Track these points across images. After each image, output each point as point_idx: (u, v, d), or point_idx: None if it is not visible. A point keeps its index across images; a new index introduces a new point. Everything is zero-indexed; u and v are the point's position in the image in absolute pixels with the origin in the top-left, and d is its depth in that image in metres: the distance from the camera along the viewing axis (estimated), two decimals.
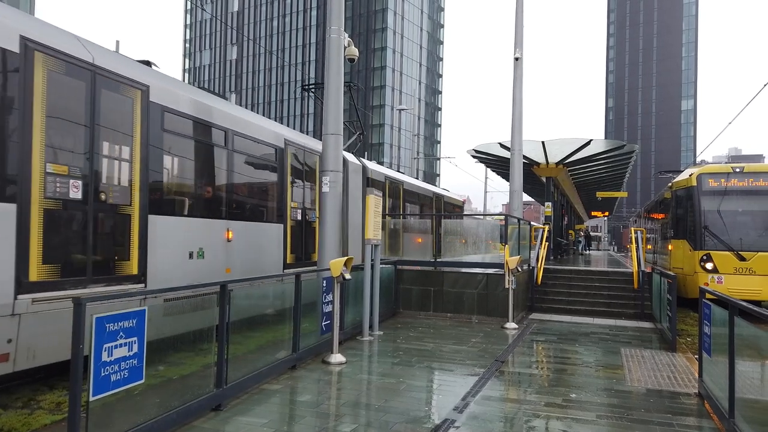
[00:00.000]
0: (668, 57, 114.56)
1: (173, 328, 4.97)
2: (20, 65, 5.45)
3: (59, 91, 5.90)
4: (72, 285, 5.99)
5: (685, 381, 6.55)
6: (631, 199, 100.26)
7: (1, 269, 5.23)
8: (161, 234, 7.18)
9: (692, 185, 13.95)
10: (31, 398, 6.08)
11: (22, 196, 5.44)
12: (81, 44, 6.31)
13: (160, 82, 7.48)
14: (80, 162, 6.15)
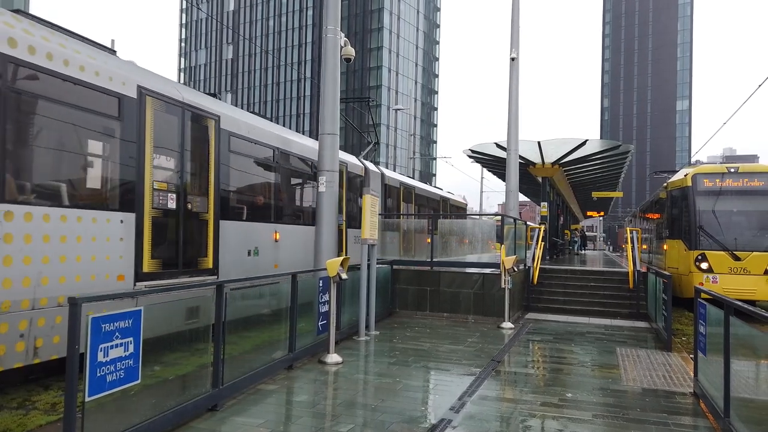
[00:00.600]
0: (663, 57, 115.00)
1: None
2: (137, 107, 7.05)
3: (160, 124, 7.44)
4: (168, 276, 7.44)
5: (681, 380, 6.57)
6: (626, 199, 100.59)
7: (126, 264, 6.70)
8: (228, 236, 8.58)
9: (687, 185, 14.00)
10: (26, 399, 6.06)
11: (138, 207, 6.97)
12: (173, 86, 7.91)
13: (227, 111, 8.98)
14: (174, 179, 7.71)
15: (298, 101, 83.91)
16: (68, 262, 6.07)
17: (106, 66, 6.70)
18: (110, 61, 6.91)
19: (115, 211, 6.73)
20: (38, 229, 5.72)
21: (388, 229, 12.64)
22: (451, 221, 16.01)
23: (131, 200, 6.90)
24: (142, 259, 7.00)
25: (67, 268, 6.04)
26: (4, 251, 5.39)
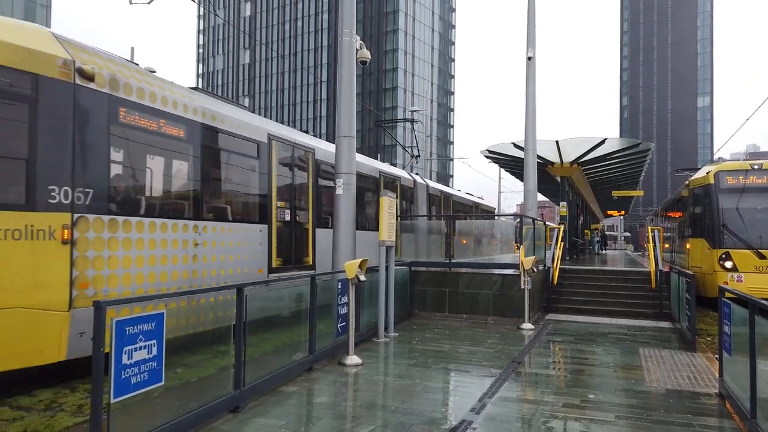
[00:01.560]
0: (683, 54, 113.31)
1: None
2: (267, 149, 9.67)
3: (279, 158, 10.08)
4: (286, 269, 9.86)
5: (706, 381, 6.46)
6: (647, 198, 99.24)
7: (263, 260, 9.17)
8: (321, 240, 10.73)
9: (710, 183, 13.77)
10: (53, 401, 6.18)
11: (269, 220, 9.53)
12: (286, 130, 10.65)
13: (319, 145, 11.55)
14: (288, 198, 10.30)
15: (315, 104, 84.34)
16: (233, 259, 8.65)
17: (252, 122, 9.46)
18: (252, 117, 9.77)
19: (257, 224, 9.31)
20: (217, 236, 8.31)
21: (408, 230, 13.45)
22: (466, 222, 16.02)
23: (265, 215, 9.47)
24: (272, 257, 9.53)
25: (232, 263, 8.60)
26: (201, 252, 7.96)
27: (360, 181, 12.39)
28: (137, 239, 6.96)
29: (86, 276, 6.29)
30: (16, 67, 5.74)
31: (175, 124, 7.69)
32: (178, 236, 7.56)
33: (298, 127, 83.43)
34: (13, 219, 5.61)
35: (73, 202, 6.16)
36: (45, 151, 5.94)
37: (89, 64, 6.46)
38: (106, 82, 6.63)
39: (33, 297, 5.74)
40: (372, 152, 70.06)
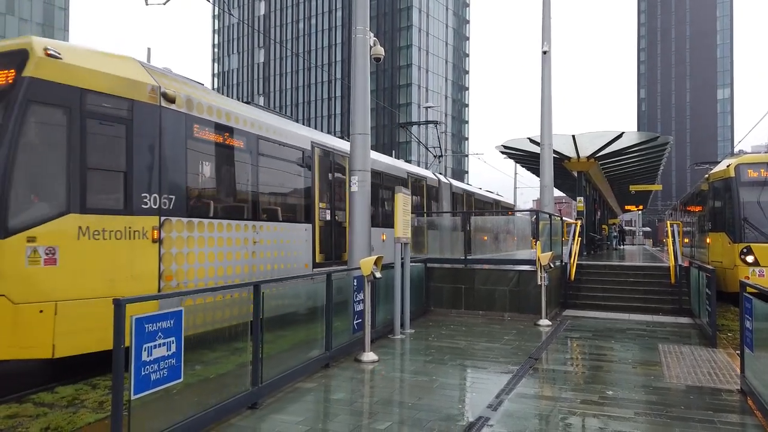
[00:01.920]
0: (702, 45, 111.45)
1: None
2: (311, 155, 10.81)
3: (321, 164, 11.20)
4: (327, 264, 10.66)
5: (727, 377, 6.37)
6: (666, 192, 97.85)
7: (309, 256, 10.13)
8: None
9: (730, 176, 13.55)
10: (74, 397, 6.29)
11: (313, 220, 10.52)
12: (325, 137, 11.80)
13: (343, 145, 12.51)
14: (328, 200, 11.34)
15: (329, 102, 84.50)
16: (284, 255, 9.71)
17: (298, 132, 10.63)
18: (297, 127, 10.93)
19: (303, 223, 10.40)
20: (271, 235, 9.42)
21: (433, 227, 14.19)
22: (482, 218, 16.00)
23: (310, 216, 10.52)
24: (315, 253, 10.58)
25: (283, 258, 9.64)
26: (258, 248, 9.07)
27: (390, 181, 13.94)
28: (208, 238, 8.08)
29: (170, 270, 7.39)
30: (116, 94, 6.84)
31: (236, 137, 8.87)
32: (240, 235, 8.73)
33: (312, 125, 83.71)
34: (116, 222, 6.73)
35: (160, 207, 7.29)
36: (138, 165, 7.05)
37: (170, 88, 7.60)
38: (184, 103, 7.79)
39: (131, 287, 6.77)
40: (387, 149, 70.04)
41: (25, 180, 6.14)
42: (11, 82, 6.17)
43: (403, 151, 74.26)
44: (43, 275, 6.07)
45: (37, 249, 6.03)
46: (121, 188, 6.87)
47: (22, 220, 5.97)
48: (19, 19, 61.21)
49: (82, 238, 6.37)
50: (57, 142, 6.38)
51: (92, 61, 6.80)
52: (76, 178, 6.39)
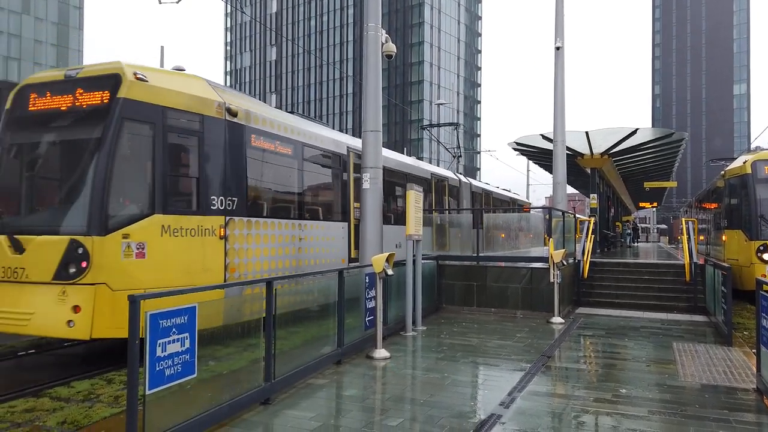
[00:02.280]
0: (718, 40, 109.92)
1: None
2: (347, 160, 11.60)
3: (356, 167, 11.46)
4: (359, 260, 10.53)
5: (743, 376, 6.30)
6: (681, 189, 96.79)
7: (345, 252, 10.76)
8: (387, 234, 11.17)
9: (746, 173, 13.37)
10: (90, 392, 6.37)
11: (349, 218, 11.27)
12: (356, 141, 12.03)
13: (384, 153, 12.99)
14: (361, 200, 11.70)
15: (341, 99, 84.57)
16: (324, 251, 10.52)
17: (335, 138, 11.54)
18: (335, 134, 11.80)
19: (340, 222, 11.20)
20: (313, 232, 10.23)
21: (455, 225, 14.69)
22: (494, 216, 15.96)
23: (346, 215, 11.25)
24: (350, 249, 11.24)
25: (323, 254, 10.44)
26: (303, 245, 9.92)
27: (416, 182, 14.68)
28: (263, 235, 8.96)
29: (234, 263, 8.24)
30: (190, 110, 7.74)
31: (285, 144, 9.79)
32: (288, 232, 9.63)
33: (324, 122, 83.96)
34: (191, 221, 7.60)
35: (225, 208, 8.14)
36: (208, 171, 7.94)
37: (233, 103, 8.48)
38: (243, 116, 8.68)
39: (203, 278, 7.65)
40: (398, 146, 70.00)
41: (120, 186, 7.09)
42: (107, 102, 7.07)
43: (414, 148, 74.19)
44: (134, 267, 6.97)
45: (130, 244, 6.96)
46: (194, 192, 7.83)
47: (118, 220, 6.92)
48: (34, 18, 61.95)
49: (165, 235, 7.28)
50: (144, 154, 7.38)
51: (170, 82, 7.75)
52: (160, 184, 7.33)
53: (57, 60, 63.85)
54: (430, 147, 76.95)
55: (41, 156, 7.78)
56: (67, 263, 6.67)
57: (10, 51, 60.23)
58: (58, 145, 7.64)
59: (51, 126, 7.47)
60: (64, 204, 7.32)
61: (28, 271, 6.81)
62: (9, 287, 6.88)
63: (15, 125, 7.69)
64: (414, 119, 77.75)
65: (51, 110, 7.40)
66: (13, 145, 7.73)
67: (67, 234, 6.77)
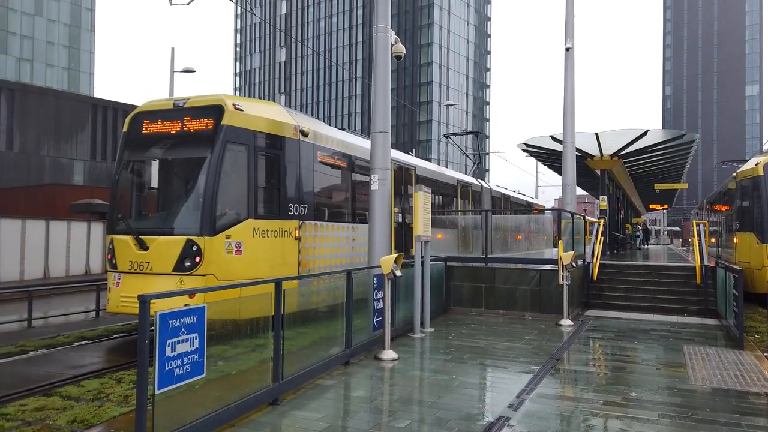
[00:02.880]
0: (730, 41, 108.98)
1: None
2: (400, 176, 13.18)
3: (395, 176, 12.75)
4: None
5: (754, 380, 6.24)
6: (692, 191, 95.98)
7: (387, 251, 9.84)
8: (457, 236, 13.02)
9: (758, 175, 13.25)
10: (100, 391, 6.42)
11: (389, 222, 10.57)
12: (399, 153, 13.99)
13: (418, 163, 15.38)
14: (400, 205, 13.43)
15: (350, 101, 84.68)
16: None
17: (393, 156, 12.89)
18: None
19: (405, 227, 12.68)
20: (362, 233, 11.14)
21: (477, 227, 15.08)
22: (502, 217, 15.94)
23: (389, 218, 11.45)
24: (392, 248, 10.99)
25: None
26: (355, 244, 11.35)
27: (445, 188, 16.80)
28: (326, 236, 10.44)
29: (305, 259, 9.78)
30: (273, 132, 9.31)
31: (341, 159, 11.33)
32: (344, 234, 11.11)
33: (332, 123, 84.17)
34: (274, 224, 9.13)
35: (299, 214, 9.68)
36: (287, 183, 9.48)
37: (304, 125, 10.06)
38: (312, 136, 10.29)
39: (282, 272, 8.78)
40: (407, 147, 69.97)
41: (224, 196, 8.60)
42: (211, 128, 8.66)
43: (423, 150, 74.15)
44: (234, 261, 8.47)
45: (231, 243, 8.48)
46: (276, 200, 9.36)
47: (223, 224, 8.45)
48: (47, 20, 62.52)
49: (255, 236, 8.79)
50: (240, 169, 8.89)
51: (257, 110, 9.39)
52: (252, 194, 8.89)
53: (69, 61, 64.44)
54: (438, 148, 76.88)
55: (156, 171, 9.28)
56: (184, 258, 8.20)
57: (22, 52, 60.81)
58: (170, 162, 9.31)
59: (163, 146, 9.06)
60: (180, 210, 8.97)
61: (152, 264, 8.36)
62: (135, 277, 8.45)
63: (131, 146, 9.36)
64: (423, 120, 77.70)
65: (162, 133, 9.01)
66: (130, 162, 9.44)
67: (183, 235, 8.30)
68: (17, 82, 49.23)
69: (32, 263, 21.67)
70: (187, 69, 27.61)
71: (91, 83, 66.65)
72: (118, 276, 8.70)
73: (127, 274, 8.57)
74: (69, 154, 42.34)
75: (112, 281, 8.76)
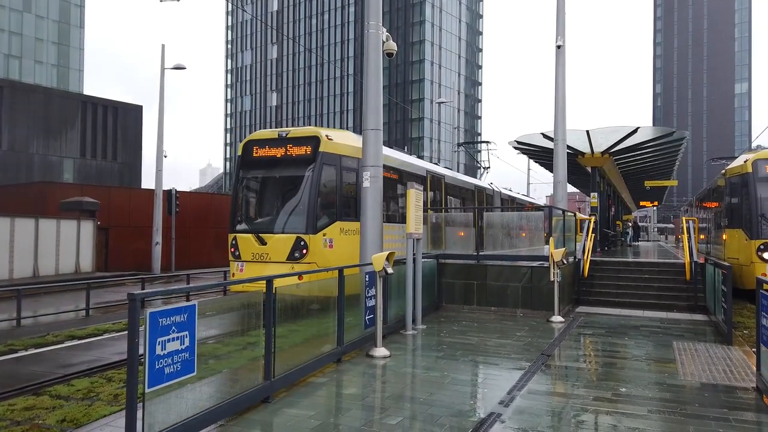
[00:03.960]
0: (720, 39, 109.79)
1: None
2: (425, 178, 14.81)
3: (430, 184, 15.01)
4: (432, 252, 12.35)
5: (742, 375, 6.30)
6: (681, 188, 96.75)
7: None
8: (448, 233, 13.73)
9: (747, 171, 13.36)
10: (90, 390, 6.38)
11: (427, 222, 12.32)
12: (432, 165, 16.87)
13: (446, 173, 17.75)
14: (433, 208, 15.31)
15: (342, 98, 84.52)
16: None
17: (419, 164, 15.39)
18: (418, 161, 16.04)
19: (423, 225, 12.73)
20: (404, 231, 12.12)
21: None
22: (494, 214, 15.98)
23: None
24: (428, 244, 12.62)
25: None
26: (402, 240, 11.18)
27: (465, 193, 19.05)
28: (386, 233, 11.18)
29: None
30: (351, 155, 11.53)
31: (394, 172, 13.45)
32: (397, 232, 12.73)
33: (325, 121, 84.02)
34: (354, 225, 10.96)
35: None
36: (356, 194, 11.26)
37: None
38: None
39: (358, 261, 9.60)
40: (399, 145, 69.96)
41: (321, 204, 11.08)
42: (310, 153, 11.11)
43: (415, 147, 74.16)
44: (328, 253, 10.82)
45: (326, 239, 10.89)
46: (354, 206, 11.39)
47: (321, 225, 10.89)
48: (35, 16, 61.90)
49: (341, 234, 11.15)
50: (331, 184, 11.29)
51: (340, 138, 11.70)
52: (339, 202, 11.31)
53: (58, 58, 63.85)
54: (430, 146, 76.92)
55: (268, 186, 12.07)
56: (294, 250, 10.62)
57: (11, 49, 60.17)
58: (278, 179, 11.79)
59: (272, 167, 11.64)
60: (290, 215, 11.21)
61: (270, 255, 10.80)
62: (256, 265, 10.88)
63: (246, 166, 11.92)
64: (415, 118, 77.70)
65: (270, 157, 11.58)
66: (244, 179, 12.04)
67: (294, 233, 10.73)
68: (5, 79, 48.75)
69: (21, 261, 21.48)
70: (177, 66, 27.42)
71: (81, 80, 66.05)
72: (242, 264, 11.16)
73: (249, 263, 11.06)
74: (59, 152, 42.01)
75: (236, 268, 11.31)
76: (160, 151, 27.63)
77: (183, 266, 27.70)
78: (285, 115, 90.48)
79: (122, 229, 28.15)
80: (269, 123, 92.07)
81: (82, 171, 43.08)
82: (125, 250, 27.79)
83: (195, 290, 14.89)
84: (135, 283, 20.44)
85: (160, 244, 26.58)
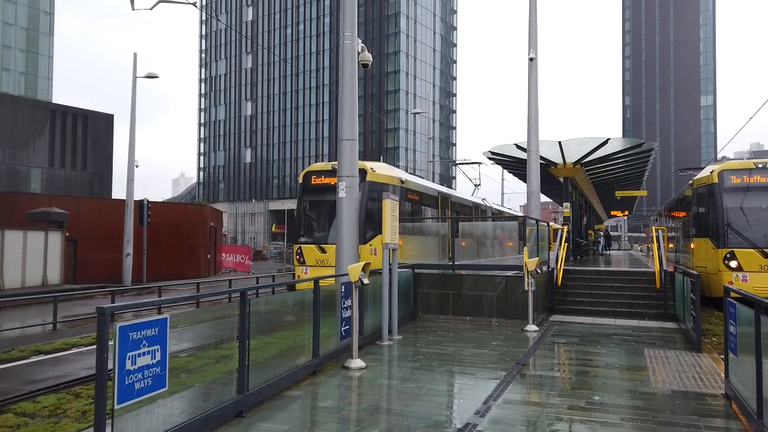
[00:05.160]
0: (685, 52, 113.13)
1: None
2: (442, 202, 18.87)
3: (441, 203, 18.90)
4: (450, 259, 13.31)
5: (711, 382, 6.43)
6: (651, 198, 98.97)
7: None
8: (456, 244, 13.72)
9: (714, 182, 13.72)
10: (57, 407, 6.19)
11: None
12: (437, 187, 19.98)
13: (452, 192, 21.01)
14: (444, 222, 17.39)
15: (317, 108, 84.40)
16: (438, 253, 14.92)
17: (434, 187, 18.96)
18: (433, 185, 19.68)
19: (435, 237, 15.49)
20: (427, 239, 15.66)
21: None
22: (469, 224, 16.17)
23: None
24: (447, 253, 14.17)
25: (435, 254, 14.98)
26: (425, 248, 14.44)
27: (465, 209, 21.67)
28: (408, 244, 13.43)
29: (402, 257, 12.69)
30: (389, 183, 14.31)
31: (415, 194, 16.10)
32: (417, 243, 14.06)
33: (300, 130, 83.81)
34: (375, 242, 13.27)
35: None
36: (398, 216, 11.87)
37: (402, 177, 15.33)
38: (405, 183, 15.28)
39: None
40: (375, 155, 70.09)
41: (367, 222, 13.42)
42: (359, 182, 11.55)
43: (391, 157, 74.33)
44: (373, 259, 11.65)
45: (372, 249, 13.30)
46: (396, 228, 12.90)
47: (368, 237, 13.35)
48: (3, 23, 60.54)
49: None
50: (376, 206, 13.13)
51: (380, 169, 14.52)
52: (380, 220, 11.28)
53: (26, 65, 62.48)
54: (405, 156, 77.22)
55: (324, 207, 14.57)
56: None
57: None
58: (334, 201, 12.31)
59: (328, 192, 13.64)
60: None
61: (329, 261, 12.69)
62: (318, 269, 13.06)
63: (307, 192, 14.92)
64: (390, 128, 77.97)
65: (325, 185, 14.29)
66: (306, 201, 15.03)
67: None
68: None
69: None
70: (150, 75, 27.09)
71: (50, 88, 64.66)
72: (306, 268, 13.79)
73: (312, 267, 13.52)
74: (26, 162, 40.98)
75: (301, 272, 13.92)
76: (132, 161, 27.18)
77: (155, 278, 27.19)
78: (260, 124, 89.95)
79: (91, 240, 27.54)
80: (244, 133, 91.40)
81: (51, 181, 42.06)
82: (95, 261, 27.18)
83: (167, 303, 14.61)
84: (105, 295, 19.98)
85: (131, 256, 26.09)
